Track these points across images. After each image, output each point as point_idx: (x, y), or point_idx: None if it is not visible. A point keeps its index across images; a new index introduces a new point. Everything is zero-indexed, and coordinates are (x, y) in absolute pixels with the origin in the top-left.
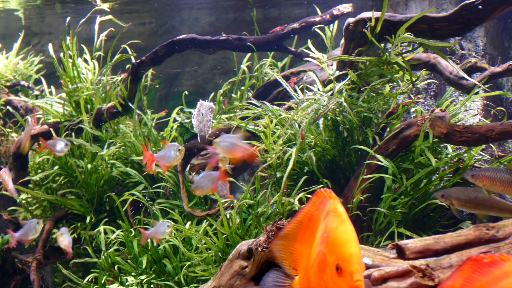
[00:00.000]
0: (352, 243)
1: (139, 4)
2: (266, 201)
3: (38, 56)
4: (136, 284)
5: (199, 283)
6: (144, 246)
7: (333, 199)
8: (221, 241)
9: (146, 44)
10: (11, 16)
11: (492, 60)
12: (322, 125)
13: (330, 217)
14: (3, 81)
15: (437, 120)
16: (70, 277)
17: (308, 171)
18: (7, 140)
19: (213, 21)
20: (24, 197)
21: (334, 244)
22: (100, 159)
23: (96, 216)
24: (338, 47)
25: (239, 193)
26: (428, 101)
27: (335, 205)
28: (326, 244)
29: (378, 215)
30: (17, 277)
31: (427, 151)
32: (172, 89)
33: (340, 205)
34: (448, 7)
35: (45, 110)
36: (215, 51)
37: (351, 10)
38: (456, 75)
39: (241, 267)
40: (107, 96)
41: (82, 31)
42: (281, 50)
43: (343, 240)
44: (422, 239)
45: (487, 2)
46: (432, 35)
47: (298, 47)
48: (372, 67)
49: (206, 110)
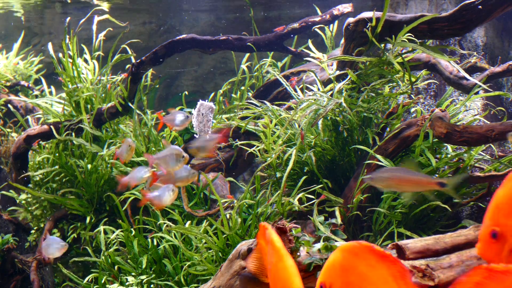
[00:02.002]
0: (289, 280)
1: (139, 4)
2: (266, 201)
3: (38, 56)
4: (136, 284)
5: (199, 283)
6: (144, 246)
7: (269, 230)
8: (221, 241)
9: (146, 44)
10: (11, 16)
11: (492, 60)
12: (322, 125)
13: (270, 250)
14: (3, 81)
15: (437, 120)
16: (70, 276)
17: (308, 171)
18: (7, 140)
19: (213, 21)
20: (24, 197)
21: (275, 279)
22: (100, 159)
23: (96, 216)
24: (338, 47)
25: (239, 193)
26: (428, 101)
27: (272, 238)
28: (270, 276)
29: (378, 215)
30: (17, 277)
31: (427, 151)
32: (172, 89)
33: (276, 238)
34: (448, 7)
35: (45, 110)
36: (215, 51)
37: (351, 10)
38: (456, 75)
39: (241, 267)
40: (107, 96)
41: (82, 31)
42: (281, 50)
43: (282, 277)
44: (422, 239)
45: (487, 2)
46: (432, 35)
47: (298, 47)
48: (372, 67)
49: (206, 110)
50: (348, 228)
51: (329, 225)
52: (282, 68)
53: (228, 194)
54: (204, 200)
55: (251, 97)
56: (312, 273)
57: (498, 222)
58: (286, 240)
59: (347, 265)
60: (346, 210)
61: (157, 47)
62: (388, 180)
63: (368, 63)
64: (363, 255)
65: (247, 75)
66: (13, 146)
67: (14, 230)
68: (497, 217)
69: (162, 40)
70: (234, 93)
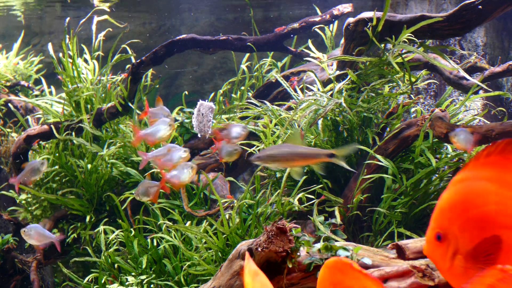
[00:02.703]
0: None
1: (139, 4)
2: (266, 201)
3: (38, 56)
4: (136, 284)
5: (199, 283)
6: (144, 246)
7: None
8: (221, 241)
9: (146, 44)
10: (11, 16)
11: (492, 60)
12: (322, 125)
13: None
14: (3, 81)
15: (437, 120)
16: (71, 276)
17: (308, 171)
18: (7, 140)
19: (213, 21)
20: (24, 197)
21: None
22: (100, 159)
23: (96, 216)
24: (338, 47)
25: (239, 193)
26: (428, 101)
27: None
28: None
29: (378, 215)
30: (17, 277)
31: (427, 151)
32: (172, 89)
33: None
34: (448, 7)
35: (45, 110)
36: (215, 51)
37: (351, 10)
38: (456, 75)
39: (241, 267)
40: (107, 96)
41: (82, 31)
42: (281, 50)
43: None
44: (422, 239)
45: (487, 2)
46: (432, 35)
47: (298, 47)
48: (372, 68)
49: (206, 110)
50: (348, 228)
51: (329, 225)
52: (282, 68)
53: (228, 194)
54: (204, 200)
55: (251, 97)
56: (312, 273)
57: (441, 225)
58: (286, 240)
59: (335, 279)
60: (346, 210)
61: (157, 47)
62: (277, 157)
63: (368, 63)
64: (347, 271)
65: (247, 75)
66: (13, 146)
67: (14, 230)
68: (441, 220)
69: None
70: (234, 93)
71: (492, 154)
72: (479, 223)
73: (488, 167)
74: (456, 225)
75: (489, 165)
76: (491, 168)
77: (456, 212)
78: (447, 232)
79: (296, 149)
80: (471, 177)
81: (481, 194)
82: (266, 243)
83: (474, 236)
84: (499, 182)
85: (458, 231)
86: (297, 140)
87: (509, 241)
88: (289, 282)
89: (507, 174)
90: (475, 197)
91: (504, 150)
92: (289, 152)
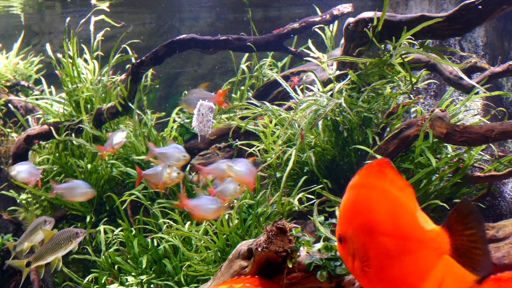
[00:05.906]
0: None
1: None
2: (266, 201)
3: (38, 56)
4: (136, 284)
5: (199, 283)
6: (144, 246)
7: None
8: (221, 241)
9: (146, 44)
10: (11, 16)
11: (492, 60)
12: (322, 125)
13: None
14: (3, 81)
15: (437, 120)
16: (71, 276)
17: (308, 171)
18: (7, 140)
19: (213, 21)
20: (24, 197)
21: None
22: (100, 159)
23: (96, 216)
24: (338, 47)
25: None
26: (428, 101)
27: None
28: None
29: None
30: (17, 277)
31: (427, 151)
32: (172, 89)
33: None
34: (448, 7)
35: (45, 110)
36: (215, 51)
37: (351, 10)
38: (456, 75)
39: (241, 267)
40: (107, 96)
41: (82, 31)
42: (281, 50)
43: None
44: None
45: (487, 2)
46: (432, 35)
47: (298, 47)
48: (372, 68)
49: (206, 110)
50: None
51: (329, 225)
52: (282, 68)
53: None
54: None
55: (251, 97)
56: (312, 273)
57: (341, 229)
58: (286, 240)
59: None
60: None
61: (157, 47)
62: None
63: (368, 63)
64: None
65: (247, 75)
66: (13, 146)
67: (14, 230)
68: (340, 224)
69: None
70: (234, 93)
71: (375, 163)
72: (365, 229)
73: (372, 176)
74: (350, 229)
75: (373, 174)
76: (374, 176)
77: (349, 217)
78: (346, 236)
79: None
80: (361, 183)
81: (366, 201)
82: (266, 243)
83: (363, 241)
84: (379, 190)
85: (352, 235)
86: None
87: (389, 248)
88: (289, 282)
89: (384, 183)
90: (362, 204)
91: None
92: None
